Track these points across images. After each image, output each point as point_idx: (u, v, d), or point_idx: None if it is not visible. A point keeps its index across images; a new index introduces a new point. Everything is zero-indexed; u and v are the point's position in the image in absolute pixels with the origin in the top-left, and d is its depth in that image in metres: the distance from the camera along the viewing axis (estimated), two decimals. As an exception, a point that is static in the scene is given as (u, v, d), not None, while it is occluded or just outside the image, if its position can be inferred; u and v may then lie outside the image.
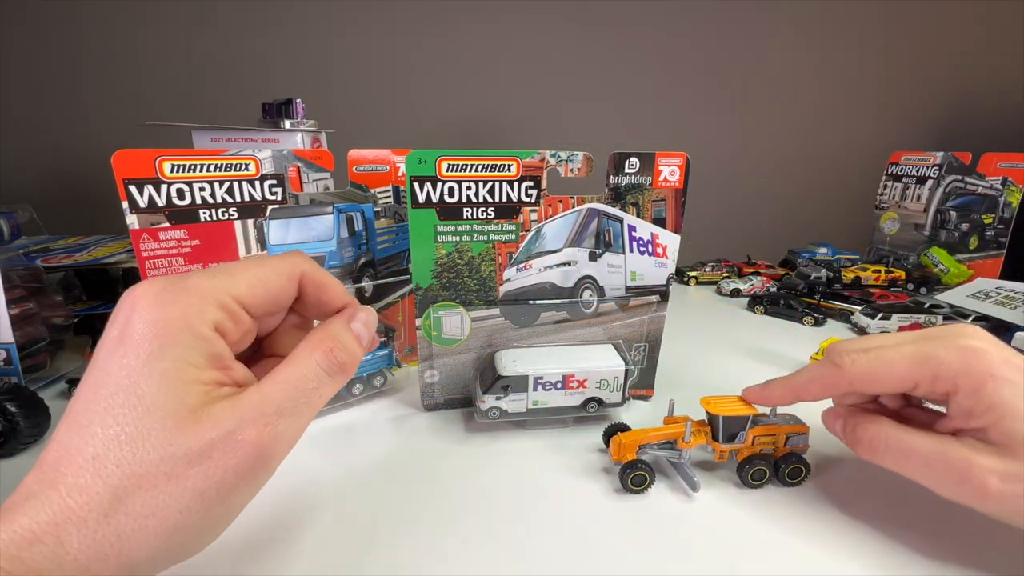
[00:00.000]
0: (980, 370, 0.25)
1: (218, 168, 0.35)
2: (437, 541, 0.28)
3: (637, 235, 0.39)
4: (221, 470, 0.19)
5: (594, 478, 0.33)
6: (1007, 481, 0.23)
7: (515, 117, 0.89)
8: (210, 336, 0.20)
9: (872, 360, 0.27)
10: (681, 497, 0.31)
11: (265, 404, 0.20)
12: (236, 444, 0.19)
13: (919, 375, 0.26)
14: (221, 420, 0.19)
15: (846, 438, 0.29)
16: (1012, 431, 0.24)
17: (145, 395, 0.19)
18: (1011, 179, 0.68)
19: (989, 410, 0.24)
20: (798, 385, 0.30)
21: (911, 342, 0.27)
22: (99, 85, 0.76)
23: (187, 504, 0.18)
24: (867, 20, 0.95)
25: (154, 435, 0.18)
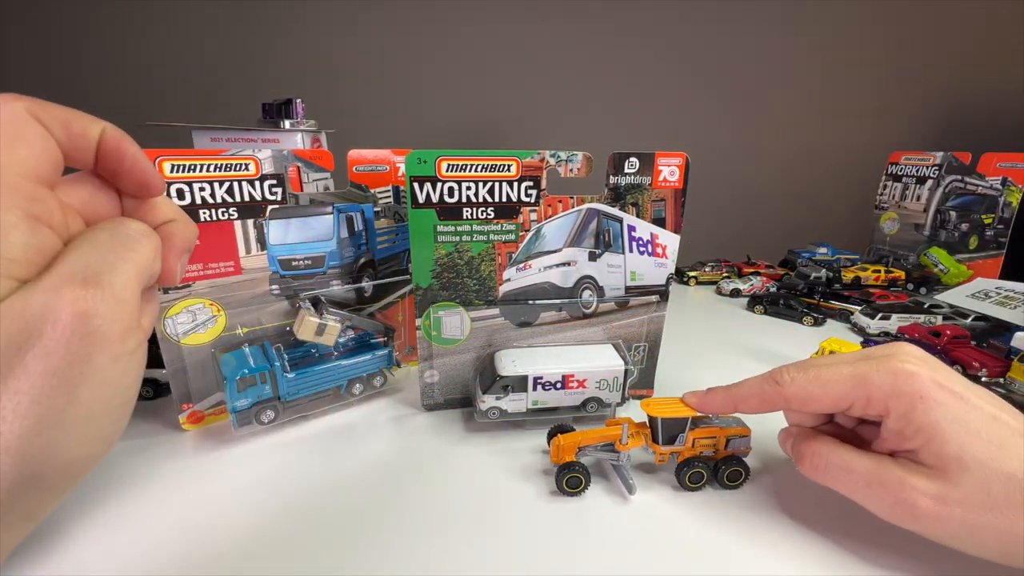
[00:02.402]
0: (910, 392, 0.25)
1: (218, 168, 0.35)
2: (437, 541, 0.28)
3: (637, 235, 0.39)
4: (58, 343, 0.17)
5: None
6: (938, 503, 0.23)
7: (515, 117, 0.89)
8: (13, 223, 0.18)
9: (810, 380, 0.27)
10: (617, 499, 0.31)
11: (73, 265, 0.18)
12: (61, 310, 0.17)
13: (853, 396, 0.26)
14: (35, 297, 0.17)
15: (792, 455, 0.30)
16: (941, 453, 0.24)
17: None
18: (1011, 179, 0.68)
19: (919, 432, 0.24)
20: (738, 396, 0.30)
21: (850, 363, 0.27)
22: (99, 85, 0.76)
23: (39, 392, 0.17)
24: (867, 20, 0.95)
25: None
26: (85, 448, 0.19)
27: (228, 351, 0.38)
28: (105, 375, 0.18)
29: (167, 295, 0.35)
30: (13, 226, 0.18)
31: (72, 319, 0.17)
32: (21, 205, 0.18)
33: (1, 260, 0.17)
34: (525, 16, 0.84)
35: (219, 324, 0.37)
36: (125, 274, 0.19)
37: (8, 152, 0.18)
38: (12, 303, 0.17)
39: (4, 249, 0.17)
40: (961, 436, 0.24)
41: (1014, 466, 0.23)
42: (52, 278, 0.18)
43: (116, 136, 0.21)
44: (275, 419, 0.37)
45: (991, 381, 0.46)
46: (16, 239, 0.18)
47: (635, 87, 0.91)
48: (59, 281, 0.18)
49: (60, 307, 0.17)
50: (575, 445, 0.32)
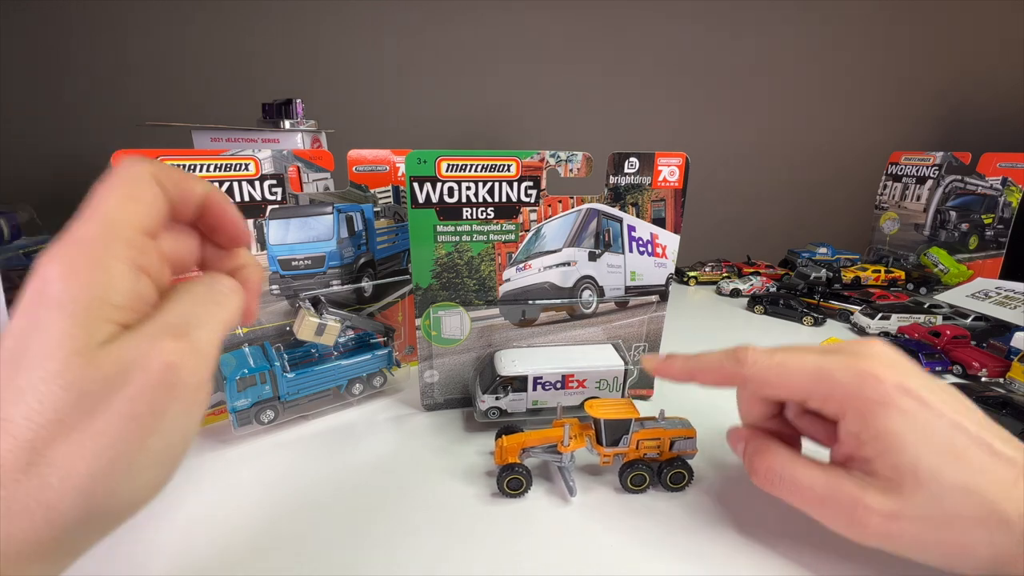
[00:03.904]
0: (870, 396, 0.24)
1: (218, 168, 0.35)
2: (437, 541, 0.28)
3: (637, 235, 0.39)
4: (144, 390, 0.18)
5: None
6: (890, 520, 0.23)
7: (515, 117, 0.89)
8: (123, 272, 0.19)
9: (773, 366, 0.27)
10: (558, 501, 0.31)
11: (171, 316, 0.19)
12: (153, 359, 0.18)
13: (812, 390, 0.26)
14: (132, 344, 0.18)
15: (745, 464, 0.29)
16: (898, 465, 0.23)
17: (50, 338, 0.17)
18: (1011, 179, 0.68)
19: (875, 439, 0.24)
20: (696, 367, 0.29)
21: (817, 354, 0.26)
22: (99, 85, 0.76)
23: (117, 435, 0.17)
24: (867, 20, 0.95)
25: (61, 377, 0.17)
26: (143, 492, 0.20)
27: (228, 351, 0.38)
28: (176, 424, 0.19)
29: (167, 295, 0.35)
30: (122, 275, 0.19)
31: (161, 368, 0.18)
32: (130, 256, 0.19)
33: (108, 306, 0.18)
34: (525, 16, 0.84)
35: (219, 324, 0.37)
36: (212, 330, 0.21)
37: (126, 209, 0.20)
38: (112, 347, 0.18)
39: (112, 296, 0.19)
40: (918, 447, 0.23)
41: (968, 479, 0.22)
42: (151, 327, 0.19)
43: (218, 197, 0.24)
44: (275, 419, 0.38)
45: (991, 381, 0.46)
46: (123, 287, 0.19)
47: (635, 87, 0.91)
48: (156, 331, 0.19)
49: (153, 356, 0.18)
50: (519, 446, 0.32)
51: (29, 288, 0.19)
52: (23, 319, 0.18)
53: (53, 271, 0.18)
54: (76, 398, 0.17)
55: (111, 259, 0.19)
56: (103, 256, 0.19)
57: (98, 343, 0.18)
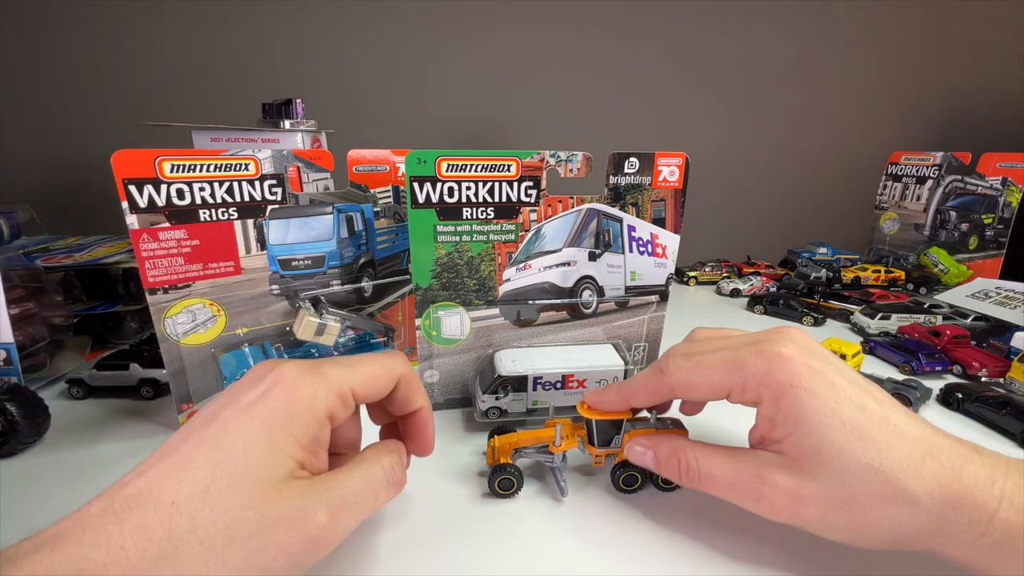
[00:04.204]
0: (781, 379, 0.24)
1: (218, 168, 0.35)
2: (437, 541, 0.28)
3: (637, 235, 0.39)
4: (279, 545, 0.20)
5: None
6: (794, 499, 0.24)
7: (515, 117, 0.89)
8: (322, 420, 0.22)
9: (692, 367, 0.27)
10: (550, 501, 0.31)
11: (337, 492, 0.22)
12: (303, 523, 0.20)
13: (730, 383, 0.26)
14: (298, 497, 0.20)
15: (659, 470, 0.29)
16: (803, 444, 0.24)
17: (251, 457, 0.20)
18: (1011, 179, 0.68)
19: (787, 420, 0.24)
20: (628, 391, 0.29)
21: (730, 348, 0.27)
22: (99, 85, 0.76)
23: (231, 569, 0.19)
24: (867, 20, 0.95)
25: (239, 495, 0.19)
26: None
27: (228, 351, 0.38)
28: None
29: (167, 295, 0.35)
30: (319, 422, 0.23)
31: (303, 537, 0.20)
32: (333, 408, 0.23)
33: (297, 445, 0.21)
34: (525, 16, 0.84)
35: (219, 324, 0.37)
36: (358, 517, 0.23)
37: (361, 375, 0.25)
38: (285, 493, 0.20)
39: (303, 436, 0.22)
40: (824, 428, 0.23)
41: (873, 457, 0.22)
42: (319, 492, 0.21)
43: (428, 416, 0.28)
44: (275, 419, 0.37)
45: (991, 381, 0.46)
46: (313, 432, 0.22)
47: (635, 87, 0.91)
48: (328, 498, 0.21)
49: (306, 521, 0.20)
50: (511, 446, 0.32)
51: (255, 383, 0.22)
52: (235, 412, 0.21)
53: (279, 393, 0.22)
54: (235, 522, 0.19)
55: (320, 405, 0.22)
56: (315, 400, 0.22)
57: (278, 479, 0.20)
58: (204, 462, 0.19)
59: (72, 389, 0.43)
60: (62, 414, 0.38)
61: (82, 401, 0.42)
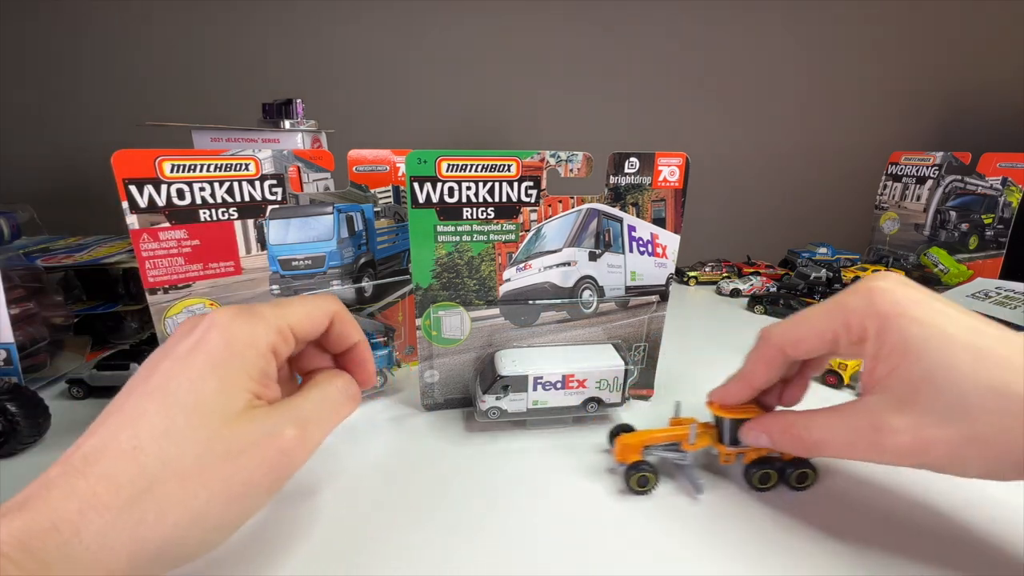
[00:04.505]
0: (884, 309, 0.24)
1: (218, 168, 0.35)
2: (436, 541, 0.28)
3: (637, 235, 0.39)
4: (255, 462, 0.21)
5: (596, 478, 0.33)
6: (916, 438, 0.22)
7: (515, 117, 0.89)
8: (267, 355, 0.23)
9: (792, 323, 0.28)
10: (686, 499, 0.31)
11: (299, 411, 0.23)
12: (273, 440, 0.21)
13: (835, 325, 0.25)
14: (260, 422, 0.21)
15: (779, 447, 0.29)
16: (912, 374, 0.22)
17: (202, 395, 0.20)
18: (1011, 179, 0.68)
19: (892, 352, 0.23)
20: (746, 373, 0.30)
21: (828, 300, 0.27)
22: (99, 85, 0.76)
23: (213, 494, 0.20)
24: (867, 20, 0.94)
25: (200, 430, 0.20)
26: (206, 547, 0.21)
27: (228, 351, 0.38)
28: (260, 501, 0.22)
29: (167, 295, 0.35)
30: (263, 356, 0.23)
31: (277, 452, 0.22)
32: (273, 342, 0.24)
33: (246, 378, 0.22)
34: (526, 17, 0.84)
35: (219, 324, 0.37)
36: (324, 431, 0.25)
37: (294, 312, 0.26)
38: (247, 420, 0.21)
39: (251, 370, 0.22)
40: (933, 351, 0.22)
41: (996, 376, 0.21)
42: (279, 413, 0.23)
43: (365, 349, 0.30)
44: (275, 419, 0.37)
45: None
46: (260, 365, 0.23)
47: (635, 87, 0.91)
48: (283, 419, 0.23)
49: (275, 438, 0.22)
50: (641, 444, 0.32)
51: (188, 333, 0.22)
52: (175, 360, 0.21)
53: (215, 334, 0.22)
54: (204, 452, 0.20)
55: (261, 341, 0.23)
56: (255, 336, 0.23)
57: (237, 411, 0.21)
58: (156, 410, 0.20)
59: (72, 389, 0.43)
60: (62, 414, 0.38)
61: (82, 401, 0.43)
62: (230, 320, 0.23)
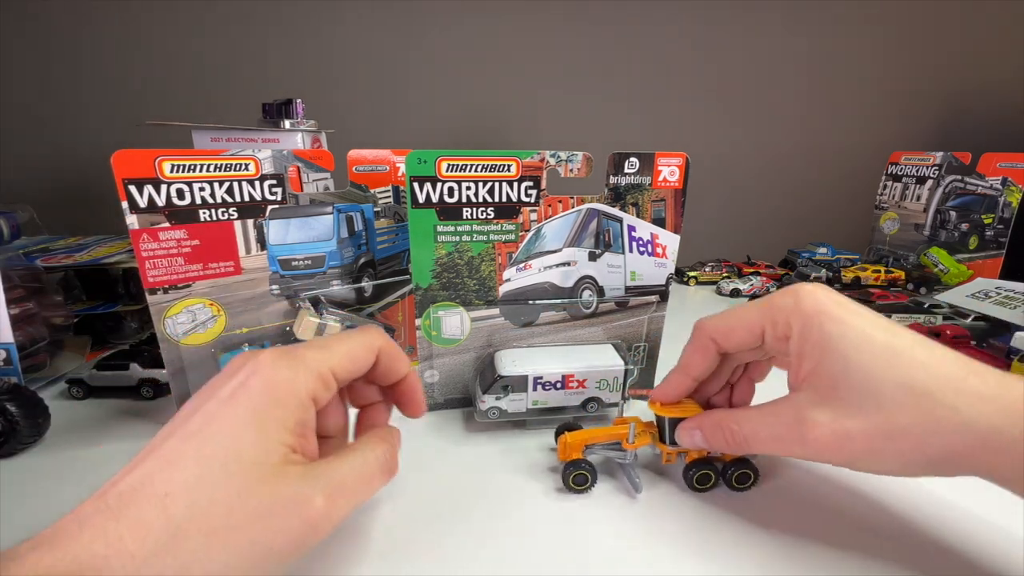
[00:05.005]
0: (807, 308, 0.25)
1: (218, 168, 0.35)
2: (435, 541, 0.28)
3: (637, 235, 0.39)
4: (280, 530, 0.20)
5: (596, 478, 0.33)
6: (837, 431, 0.23)
7: (515, 117, 0.89)
8: (306, 404, 0.22)
9: (724, 316, 0.30)
10: (624, 499, 0.31)
11: (333, 477, 0.22)
12: (302, 507, 0.20)
13: (763, 319, 0.27)
14: (293, 484, 0.20)
15: (709, 444, 0.29)
16: (833, 370, 0.24)
17: (240, 446, 0.20)
18: (1011, 179, 0.68)
19: (814, 348, 0.24)
20: (683, 364, 0.31)
21: (760, 300, 0.29)
22: (99, 85, 0.76)
23: (236, 556, 0.19)
24: (867, 20, 0.94)
25: (233, 483, 0.19)
26: None
27: (228, 351, 0.38)
28: (279, 570, 0.21)
29: (167, 295, 0.35)
30: (304, 407, 0.22)
31: (302, 523, 0.20)
32: (315, 389, 0.23)
33: (285, 430, 0.21)
34: (526, 16, 0.84)
35: (219, 324, 0.37)
36: (353, 504, 0.23)
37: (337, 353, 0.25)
38: (281, 477, 0.20)
39: (289, 421, 0.22)
40: (851, 349, 0.23)
41: (908, 376, 0.22)
42: (314, 477, 0.21)
43: (415, 380, 0.29)
44: (275, 419, 0.37)
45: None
46: (299, 416, 0.22)
47: (636, 87, 0.91)
48: (317, 484, 0.21)
49: (303, 507, 0.20)
50: (582, 443, 0.32)
51: (232, 374, 0.22)
52: (217, 404, 0.21)
53: (257, 380, 0.21)
54: (234, 509, 0.19)
55: (301, 389, 0.22)
56: (295, 384, 0.22)
57: (272, 465, 0.20)
58: (193, 454, 0.19)
59: (72, 389, 0.43)
60: (62, 414, 0.38)
61: (82, 401, 0.42)
62: (273, 364, 0.22)
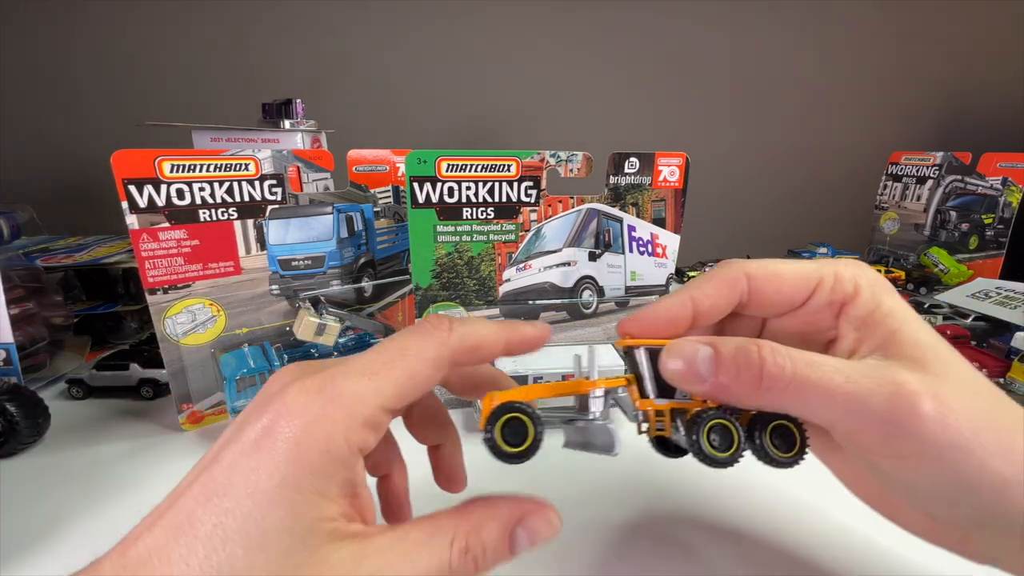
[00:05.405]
0: (871, 280, 0.21)
1: (218, 168, 0.35)
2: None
3: (637, 235, 0.39)
4: None
5: (597, 477, 0.33)
6: (940, 403, 0.18)
7: (515, 117, 0.89)
8: (350, 461, 0.18)
9: (774, 261, 0.23)
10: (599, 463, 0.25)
11: (387, 573, 0.17)
12: None
13: (823, 272, 0.22)
14: (338, 569, 0.17)
15: (724, 374, 0.19)
16: (918, 339, 0.19)
17: (265, 525, 0.16)
18: (1011, 179, 0.68)
19: (890, 315, 0.20)
20: (691, 291, 0.22)
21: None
22: (99, 85, 0.76)
23: None
24: (867, 20, 0.94)
25: (263, 570, 0.16)
26: None
27: (228, 351, 0.38)
28: None
29: (167, 295, 0.35)
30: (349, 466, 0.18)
31: None
32: (362, 440, 0.18)
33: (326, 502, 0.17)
34: (525, 16, 0.84)
35: (219, 324, 0.37)
36: None
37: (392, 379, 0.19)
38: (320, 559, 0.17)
39: (331, 489, 0.17)
40: (918, 322, 0.20)
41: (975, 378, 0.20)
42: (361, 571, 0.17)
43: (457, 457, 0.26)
44: (275, 419, 0.37)
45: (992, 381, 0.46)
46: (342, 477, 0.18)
47: (636, 87, 0.91)
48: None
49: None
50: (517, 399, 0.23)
51: (259, 413, 0.17)
52: (238, 457, 0.17)
53: (285, 430, 0.17)
54: None
55: (341, 443, 0.17)
56: (333, 436, 0.17)
57: (313, 547, 0.16)
58: (211, 525, 0.16)
59: (72, 389, 0.43)
60: (62, 414, 0.38)
61: (82, 401, 0.42)
62: (305, 410, 0.17)
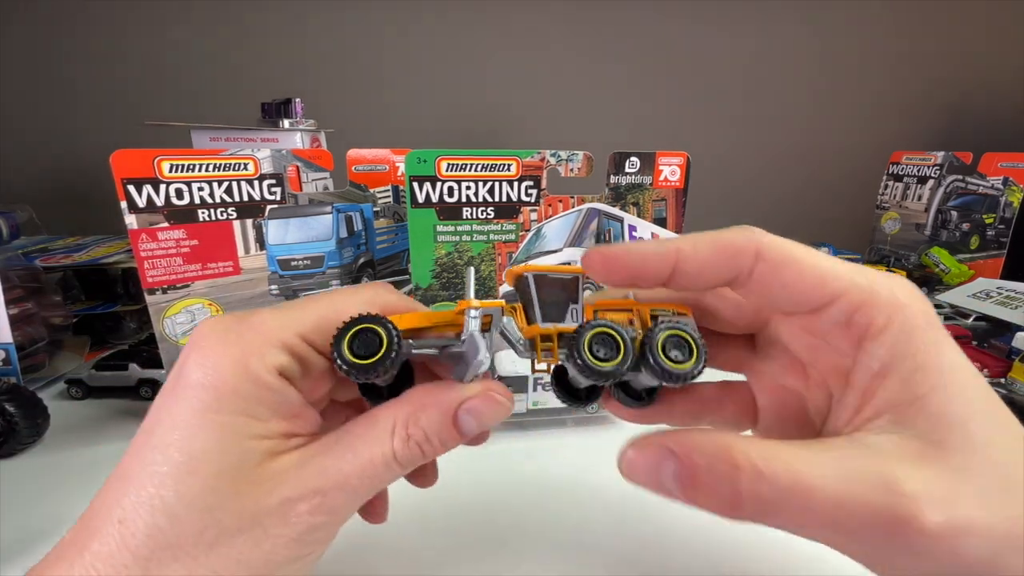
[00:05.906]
0: (917, 311, 0.16)
1: (217, 168, 0.35)
2: (434, 541, 0.28)
3: (638, 235, 0.39)
4: (272, 541, 0.16)
5: (595, 478, 0.33)
6: (950, 518, 0.13)
7: (515, 117, 0.89)
8: (274, 384, 0.17)
9: (800, 246, 0.19)
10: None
11: (329, 474, 0.17)
12: (286, 518, 0.17)
13: (851, 285, 0.17)
14: (280, 484, 0.17)
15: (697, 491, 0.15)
16: (946, 412, 0.14)
17: (193, 450, 0.16)
18: (1012, 179, 0.68)
19: (920, 371, 0.15)
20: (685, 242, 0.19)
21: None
22: (98, 85, 0.76)
23: (228, 573, 0.16)
24: (867, 20, 0.94)
25: (199, 500, 0.16)
26: None
27: (227, 351, 0.37)
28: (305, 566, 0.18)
29: (166, 295, 0.35)
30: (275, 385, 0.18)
31: (299, 529, 0.17)
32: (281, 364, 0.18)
33: (256, 422, 0.17)
34: (526, 16, 0.84)
35: (218, 324, 0.37)
36: (366, 496, 0.19)
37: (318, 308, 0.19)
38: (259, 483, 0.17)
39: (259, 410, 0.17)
40: (959, 386, 0.15)
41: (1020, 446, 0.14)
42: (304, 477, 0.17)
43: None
44: (274, 419, 0.37)
45: (992, 381, 0.46)
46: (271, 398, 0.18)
47: (636, 87, 0.91)
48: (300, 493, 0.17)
49: (295, 513, 0.17)
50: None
51: (177, 362, 0.17)
52: (163, 398, 0.17)
53: (193, 366, 0.17)
54: (207, 527, 0.16)
55: (257, 366, 0.17)
56: (246, 361, 0.17)
57: (249, 468, 0.17)
58: (141, 473, 0.16)
59: (71, 389, 0.43)
60: (61, 414, 0.38)
61: (81, 401, 0.42)
62: (214, 342, 0.17)
